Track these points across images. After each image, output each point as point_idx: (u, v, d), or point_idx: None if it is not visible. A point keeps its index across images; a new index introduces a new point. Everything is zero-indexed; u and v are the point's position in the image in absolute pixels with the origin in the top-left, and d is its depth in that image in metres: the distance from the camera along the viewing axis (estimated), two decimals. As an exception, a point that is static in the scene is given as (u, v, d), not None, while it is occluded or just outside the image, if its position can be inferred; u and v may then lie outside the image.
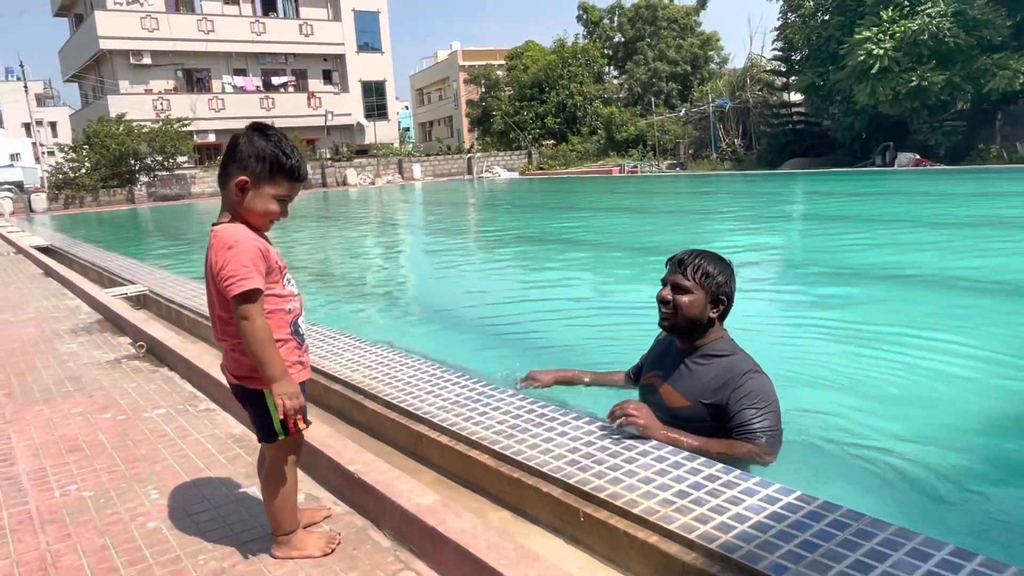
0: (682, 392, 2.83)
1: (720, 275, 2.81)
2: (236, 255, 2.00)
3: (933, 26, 20.55)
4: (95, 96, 41.56)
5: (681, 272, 2.82)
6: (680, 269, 2.83)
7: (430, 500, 2.30)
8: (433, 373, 3.62)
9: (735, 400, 2.67)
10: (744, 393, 2.67)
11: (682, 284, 2.80)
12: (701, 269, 2.80)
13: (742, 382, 2.69)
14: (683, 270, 2.82)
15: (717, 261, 2.84)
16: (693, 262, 2.82)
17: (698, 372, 2.81)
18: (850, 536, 1.92)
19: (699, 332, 2.84)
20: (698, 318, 2.80)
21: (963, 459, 2.87)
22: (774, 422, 2.68)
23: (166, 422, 3.58)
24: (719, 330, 2.88)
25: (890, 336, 4.80)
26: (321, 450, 2.75)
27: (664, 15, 40.79)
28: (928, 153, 22.45)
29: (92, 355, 5.08)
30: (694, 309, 2.79)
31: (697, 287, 2.79)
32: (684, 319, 2.81)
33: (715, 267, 2.81)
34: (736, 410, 2.67)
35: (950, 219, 11.43)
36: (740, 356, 2.81)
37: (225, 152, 2.12)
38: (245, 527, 2.47)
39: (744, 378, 2.70)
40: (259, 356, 1.99)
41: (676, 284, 2.82)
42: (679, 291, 2.81)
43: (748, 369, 2.73)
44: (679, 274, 2.82)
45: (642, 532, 2.09)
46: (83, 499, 2.76)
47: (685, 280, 2.80)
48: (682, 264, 2.84)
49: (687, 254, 2.87)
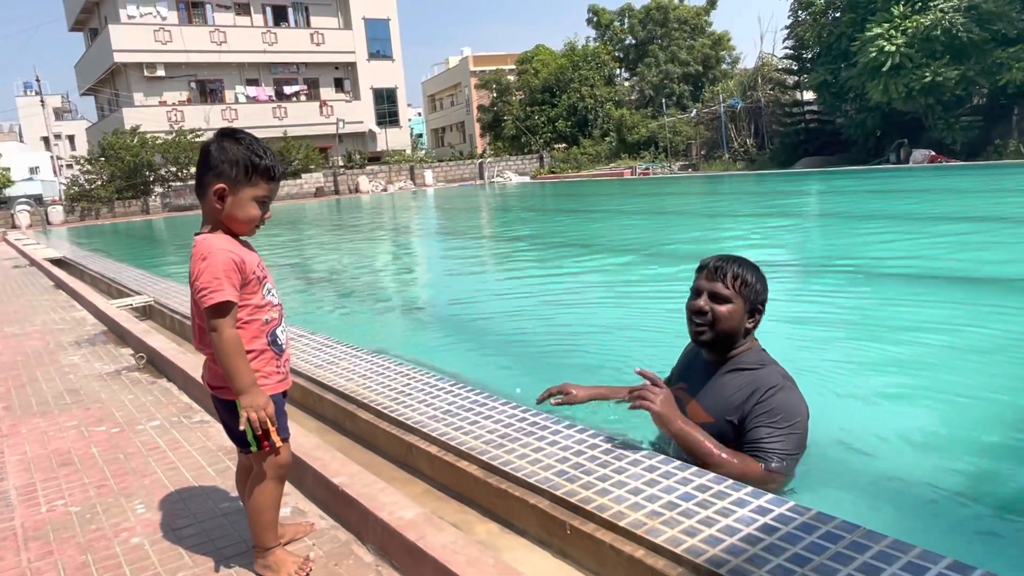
0: (707, 408, 2.64)
1: (758, 283, 2.62)
2: (209, 267, 1.98)
3: (946, 21, 20.32)
4: (111, 109, 42.07)
5: (720, 280, 2.60)
6: (719, 277, 2.61)
7: (412, 514, 2.24)
8: (427, 382, 3.57)
9: (753, 416, 2.48)
10: (764, 410, 2.47)
11: (721, 293, 2.58)
12: (740, 277, 2.59)
13: (765, 397, 2.49)
14: (722, 278, 2.60)
15: (753, 269, 2.65)
16: (732, 269, 2.60)
17: (724, 387, 2.62)
18: (843, 549, 1.84)
19: (734, 343, 2.64)
20: (736, 330, 2.60)
21: (965, 469, 2.76)
22: (790, 446, 2.45)
23: (160, 434, 3.55)
24: (750, 341, 2.68)
25: (888, 335, 4.70)
26: (308, 462, 2.71)
27: (675, 16, 40.62)
28: (944, 149, 22.17)
29: (93, 367, 5.08)
30: (733, 320, 2.58)
31: (736, 296, 2.58)
32: (723, 331, 2.60)
33: (753, 275, 2.62)
34: (751, 426, 2.48)
35: (970, 215, 11.24)
36: (769, 369, 2.59)
37: (198, 162, 2.10)
38: (228, 542, 2.42)
39: (768, 393, 2.49)
40: (227, 367, 1.97)
41: (714, 293, 2.60)
42: (717, 300, 2.59)
43: (775, 384, 2.51)
44: (718, 282, 2.60)
45: (628, 546, 2.02)
46: (69, 514, 2.73)
47: (725, 288, 2.58)
48: (719, 271, 2.61)
49: (723, 260, 2.64)
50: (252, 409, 1.97)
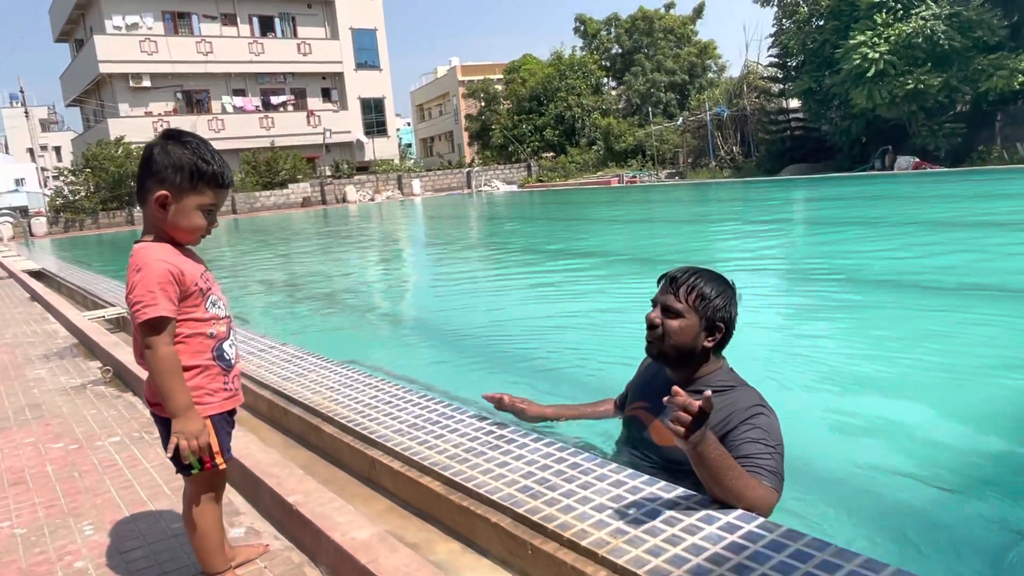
0: None
1: (718, 298, 2.40)
2: (143, 279, 1.87)
3: (928, 29, 20.45)
4: (96, 120, 41.77)
5: (673, 292, 2.42)
6: (672, 289, 2.43)
7: (366, 534, 2.13)
8: (394, 393, 3.46)
9: (738, 435, 2.25)
10: (747, 429, 2.26)
11: (673, 307, 2.40)
12: (696, 290, 2.39)
13: (745, 418, 2.28)
14: (675, 290, 2.42)
15: (716, 281, 2.44)
16: (688, 281, 2.42)
17: None
18: (813, 569, 1.75)
19: (691, 362, 2.45)
20: (689, 347, 2.41)
21: (940, 485, 2.67)
22: (779, 465, 2.23)
23: (118, 451, 3.43)
24: (717, 361, 2.49)
25: (868, 345, 4.63)
26: (263, 480, 2.60)
27: (661, 25, 40.81)
28: (928, 156, 22.27)
29: (59, 381, 4.94)
30: (684, 336, 2.39)
31: (690, 311, 2.39)
32: (672, 347, 2.42)
33: (713, 288, 2.40)
34: (739, 443, 2.23)
35: (955, 221, 11.24)
36: (743, 391, 2.40)
37: (140, 165, 1.98)
38: (176, 565, 2.31)
39: (748, 413, 2.29)
40: (161, 388, 1.86)
41: (666, 306, 2.42)
42: (669, 314, 2.41)
43: (752, 404, 2.32)
44: (671, 294, 2.42)
45: (590, 567, 1.92)
46: (14, 537, 2.61)
47: (677, 302, 2.40)
48: (674, 283, 2.43)
49: (681, 272, 2.46)
50: (184, 436, 1.86)
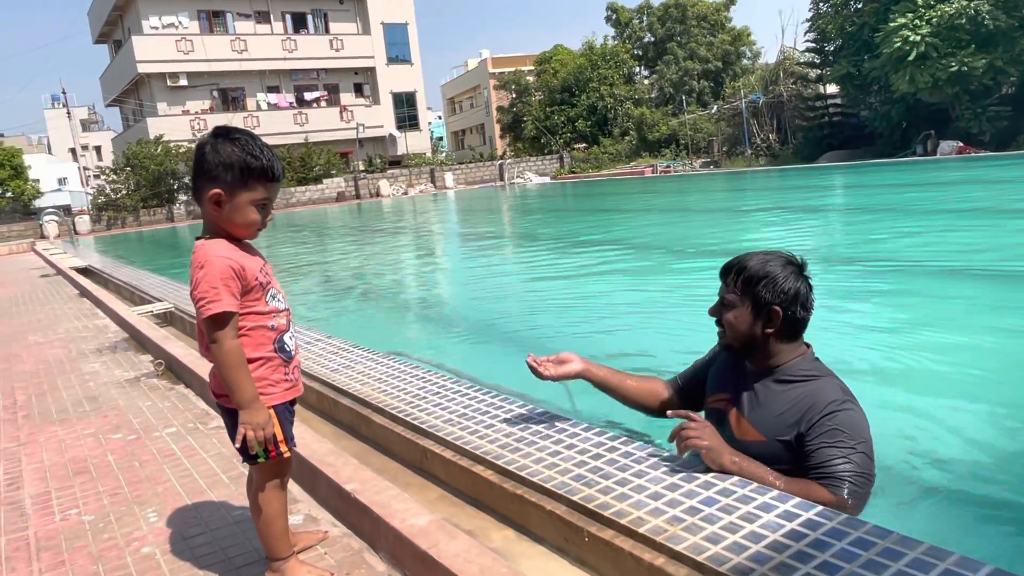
0: (755, 424, 2.30)
1: (767, 281, 2.25)
2: (206, 275, 1.92)
3: (971, 9, 19.91)
4: (135, 119, 42.67)
5: (724, 282, 2.35)
6: (724, 278, 2.36)
7: (424, 521, 2.17)
8: (442, 384, 3.50)
9: (814, 436, 2.15)
10: (825, 429, 2.14)
11: (725, 297, 2.34)
12: (743, 275, 2.29)
13: (824, 414, 2.15)
14: (725, 279, 2.35)
15: (768, 263, 2.29)
16: (737, 267, 2.33)
17: (772, 400, 2.28)
18: (875, 556, 1.74)
19: (757, 353, 2.33)
20: (747, 335, 2.30)
21: (1005, 472, 2.63)
22: (862, 465, 2.12)
23: (175, 441, 3.53)
24: (796, 348, 2.32)
25: (935, 333, 4.55)
26: (320, 469, 2.66)
27: (694, 13, 40.31)
28: (972, 140, 21.72)
29: (113, 374, 5.09)
30: (740, 325, 2.30)
31: (740, 298, 2.30)
32: (734, 339, 2.34)
33: (762, 270, 2.27)
34: (814, 448, 2.14)
35: (1003, 206, 10.96)
36: (825, 381, 2.24)
37: (193, 165, 2.02)
38: (240, 551, 2.38)
39: (827, 409, 2.16)
40: (228, 381, 1.91)
41: (722, 297, 2.37)
42: (724, 306, 2.36)
43: (833, 399, 2.17)
44: (724, 285, 2.36)
45: (648, 553, 1.94)
46: (82, 523, 2.70)
47: (727, 292, 2.34)
48: (726, 273, 2.36)
49: (736, 259, 2.36)
50: (250, 427, 1.92)
